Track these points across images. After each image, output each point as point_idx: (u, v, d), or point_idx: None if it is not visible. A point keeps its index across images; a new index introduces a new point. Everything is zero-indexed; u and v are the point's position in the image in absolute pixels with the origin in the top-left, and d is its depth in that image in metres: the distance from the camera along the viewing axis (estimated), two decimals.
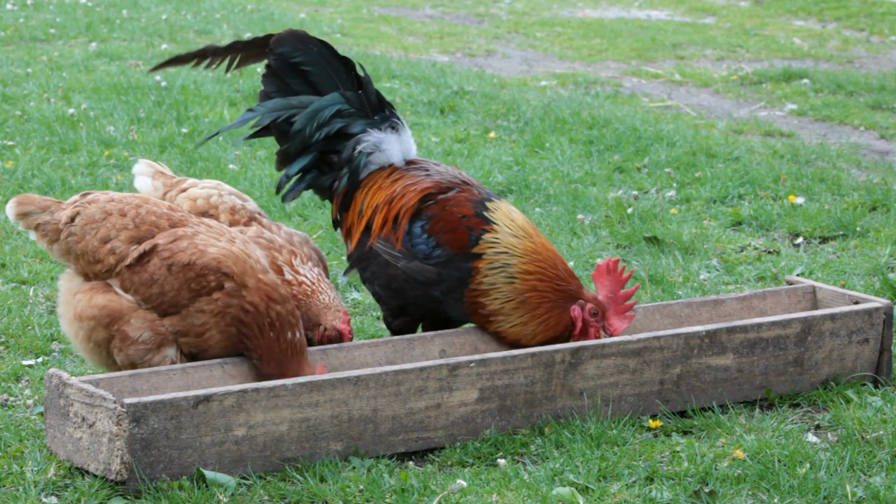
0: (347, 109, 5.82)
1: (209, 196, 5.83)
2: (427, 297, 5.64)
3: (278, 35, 5.84)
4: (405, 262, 5.63)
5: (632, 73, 13.35)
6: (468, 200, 5.68)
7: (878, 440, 5.23)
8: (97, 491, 4.83)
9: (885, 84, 12.13)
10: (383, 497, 4.86)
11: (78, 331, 5.30)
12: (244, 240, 5.40)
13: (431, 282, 5.60)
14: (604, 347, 5.38)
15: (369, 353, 5.52)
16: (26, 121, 10.36)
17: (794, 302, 6.09)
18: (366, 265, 5.75)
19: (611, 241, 7.80)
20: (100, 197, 5.39)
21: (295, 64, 5.83)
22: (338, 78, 5.85)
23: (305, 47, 5.82)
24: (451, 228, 5.63)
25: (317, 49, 5.83)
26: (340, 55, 5.86)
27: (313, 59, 5.83)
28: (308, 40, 5.83)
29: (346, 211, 5.82)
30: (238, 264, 5.27)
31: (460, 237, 5.62)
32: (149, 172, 5.98)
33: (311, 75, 5.84)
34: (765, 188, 8.74)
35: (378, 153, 5.81)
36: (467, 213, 5.65)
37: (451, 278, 5.60)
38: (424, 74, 12.47)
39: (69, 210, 5.35)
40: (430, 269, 5.60)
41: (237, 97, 11.29)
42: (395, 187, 5.73)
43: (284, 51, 5.82)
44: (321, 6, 18.04)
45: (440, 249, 5.63)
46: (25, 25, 14.97)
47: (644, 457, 5.15)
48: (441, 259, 5.61)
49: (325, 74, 5.84)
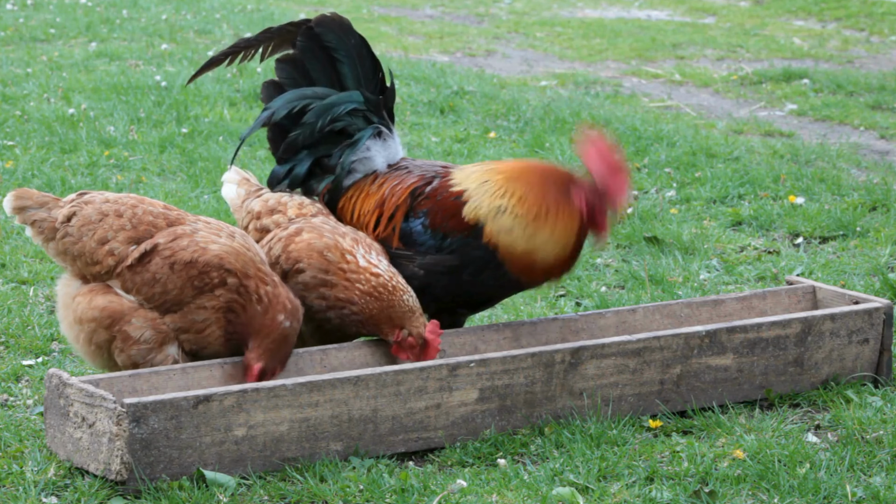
0: (363, 110, 5.77)
1: (280, 196, 5.79)
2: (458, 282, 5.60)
3: (322, 15, 5.74)
4: (420, 258, 5.60)
5: (632, 73, 13.35)
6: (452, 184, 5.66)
7: (878, 440, 5.23)
8: (97, 491, 4.83)
9: (885, 84, 12.14)
10: (383, 497, 4.86)
11: (79, 334, 5.29)
12: (242, 234, 5.40)
13: (454, 269, 5.56)
14: (604, 347, 5.38)
15: (369, 353, 5.52)
16: (26, 121, 10.36)
17: (794, 302, 6.09)
18: None
19: (611, 240, 7.80)
20: (96, 198, 5.37)
21: (328, 49, 5.72)
22: (364, 77, 5.78)
23: (345, 35, 5.75)
24: (451, 215, 5.60)
25: (354, 41, 5.76)
26: (374, 55, 5.79)
27: (348, 50, 5.75)
28: (349, 30, 5.76)
29: (339, 219, 5.77)
30: (239, 260, 5.27)
31: (462, 219, 5.59)
32: (235, 180, 5.94)
33: (339, 65, 5.74)
34: (765, 188, 8.74)
35: (364, 161, 5.77)
36: (459, 193, 5.61)
37: (476, 259, 5.56)
38: (424, 74, 12.47)
39: (66, 210, 5.33)
40: (449, 257, 5.56)
41: (237, 97, 11.29)
42: (383, 190, 5.71)
43: (323, 32, 5.72)
44: (321, 6, 18.04)
45: (449, 238, 5.59)
46: (25, 25, 14.97)
47: (644, 457, 5.15)
48: (454, 246, 5.57)
49: (354, 69, 5.77)
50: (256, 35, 5.79)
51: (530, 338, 5.75)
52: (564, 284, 7.09)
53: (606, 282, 7.18)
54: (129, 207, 5.34)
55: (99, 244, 5.29)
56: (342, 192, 5.76)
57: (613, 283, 7.17)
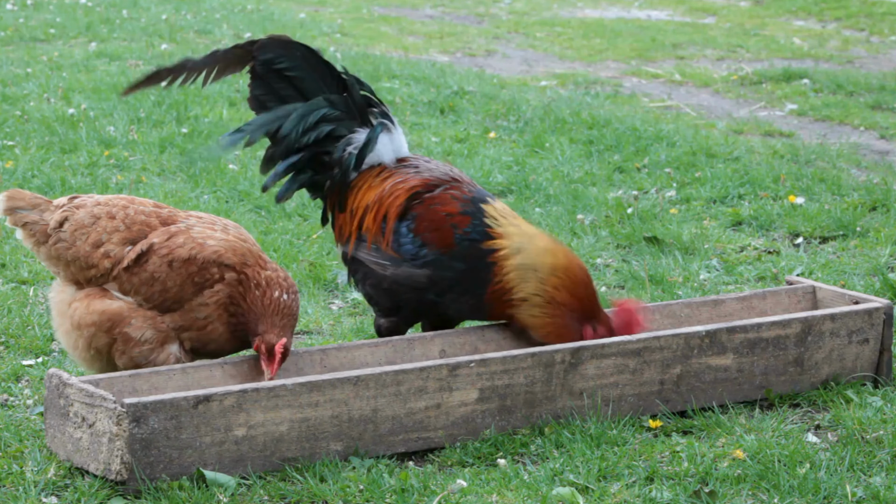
0: (333, 113, 5.80)
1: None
2: (421, 300, 5.64)
3: (261, 41, 5.79)
4: (393, 268, 5.63)
5: (632, 73, 13.35)
6: (455, 198, 5.66)
7: (878, 440, 5.23)
8: (97, 491, 4.83)
9: (885, 84, 12.14)
10: (383, 497, 4.86)
11: (77, 339, 5.27)
12: (236, 225, 5.41)
13: (421, 286, 5.60)
14: (604, 347, 5.38)
15: (369, 353, 5.52)
16: (26, 121, 10.36)
17: (794, 302, 6.09)
18: (357, 266, 5.75)
19: (611, 241, 7.80)
20: (87, 201, 5.35)
21: (279, 69, 5.79)
22: (323, 82, 5.82)
23: (289, 52, 5.78)
24: (435, 227, 5.62)
25: (300, 53, 5.80)
26: (324, 59, 5.83)
27: (297, 64, 5.79)
28: (291, 45, 5.80)
29: (341, 211, 5.81)
30: (237, 253, 5.27)
31: (445, 236, 5.61)
32: None
33: (296, 80, 5.81)
34: (765, 188, 8.74)
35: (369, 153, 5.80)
36: (452, 212, 5.63)
37: (443, 280, 5.59)
38: (424, 74, 12.47)
39: (57, 215, 5.31)
40: (420, 272, 5.60)
41: (237, 97, 11.29)
42: (385, 185, 5.72)
43: (268, 57, 5.77)
44: (321, 6, 18.05)
45: (426, 249, 5.61)
46: (25, 25, 14.97)
47: (644, 457, 5.15)
48: (427, 259, 5.60)
49: (311, 79, 5.81)
50: (203, 58, 5.76)
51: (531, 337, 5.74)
52: None
53: (606, 282, 7.18)
54: (121, 209, 5.33)
55: (93, 247, 5.27)
56: (348, 184, 5.79)
57: (613, 283, 7.17)
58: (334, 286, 7.10)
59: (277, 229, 7.90)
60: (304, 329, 6.52)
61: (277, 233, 7.83)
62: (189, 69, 5.74)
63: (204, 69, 5.77)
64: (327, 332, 6.49)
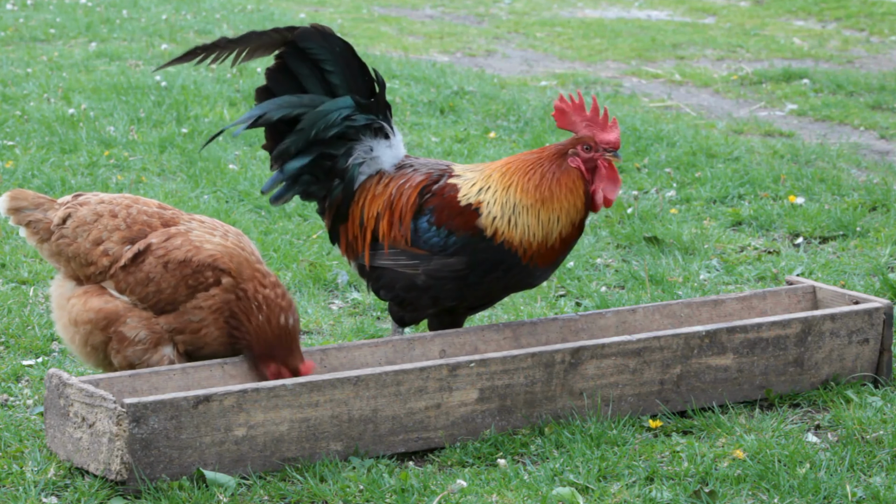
0: (356, 115, 5.75)
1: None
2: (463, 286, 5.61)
3: (302, 29, 5.71)
4: (425, 264, 5.61)
5: (632, 73, 13.35)
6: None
7: (878, 440, 5.23)
8: (97, 491, 4.83)
9: (885, 84, 12.14)
10: (383, 497, 4.86)
11: (74, 335, 5.29)
12: (237, 232, 5.40)
13: (461, 273, 5.58)
14: (604, 347, 5.38)
15: (369, 353, 5.52)
16: (26, 121, 10.36)
17: (794, 302, 6.09)
18: (380, 273, 5.70)
19: (611, 241, 7.80)
20: (91, 199, 5.36)
21: (315, 60, 5.73)
22: (354, 82, 5.76)
23: (329, 45, 5.74)
24: (457, 213, 5.61)
25: (339, 49, 5.74)
26: (360, 59, 5.79)
27: (334, 58, 5.74)
28: (332, 38, 5.74)
29: (344, 223, 5.78)
30: (234, 259, 5.27)
31: (469, 219, 5.60)
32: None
33: (328, 74, 5.73)
34: (765, 188, 8.74)
35: (369, 162, 5.77)
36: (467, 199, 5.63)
37: (484, 261, 5.58)
38: (424, 74, 12.47)
39: (61, 212, 5.33)
40: (455, 260, 5.57)
41: (237, 97, 11.29)
42: (390, 189, 5.71)
43: (307, 46, 5.70)
44: (321, 6, 18.05)
45: (454, 236, 5.60)
46: (25, 25, 14.97)
47: (644, 457, 5.15)
48: (458, 245, 5.58)
49: (342, 75, 5.76)
50: (238, 37, 5.72)
51: (530, 338, 5.75)
52: (564, 284, 7.09)
53: (606, 282, 7.18)
54: (124, 208, 5.34)
55: (94, 245, 5.28)
56: (352, 196, 5.76)
57: (613, 283, 7.17)
58: (334, 286, 7.10)
59: (277, 229, 7.90)
60: (305, 329, 6.52)
61: (277, 233, 7.83)
62: (222, 48, 5.73)
63: (237, 48, 5.75)
64: (327, 332, 6.49)
